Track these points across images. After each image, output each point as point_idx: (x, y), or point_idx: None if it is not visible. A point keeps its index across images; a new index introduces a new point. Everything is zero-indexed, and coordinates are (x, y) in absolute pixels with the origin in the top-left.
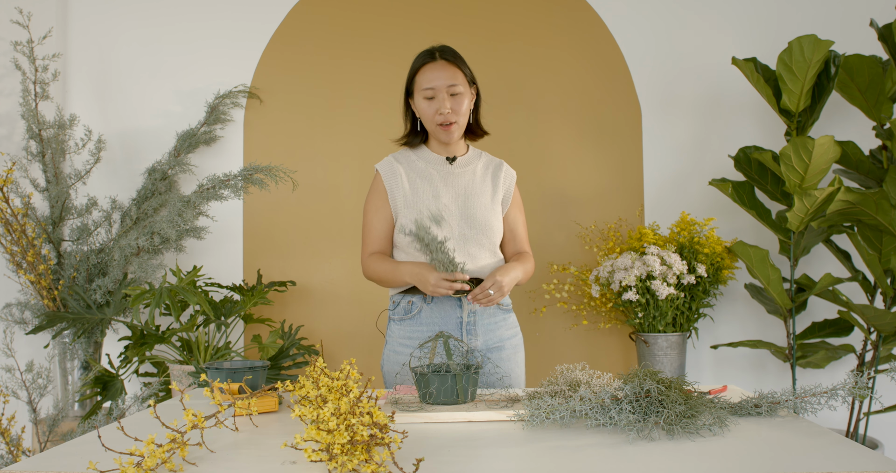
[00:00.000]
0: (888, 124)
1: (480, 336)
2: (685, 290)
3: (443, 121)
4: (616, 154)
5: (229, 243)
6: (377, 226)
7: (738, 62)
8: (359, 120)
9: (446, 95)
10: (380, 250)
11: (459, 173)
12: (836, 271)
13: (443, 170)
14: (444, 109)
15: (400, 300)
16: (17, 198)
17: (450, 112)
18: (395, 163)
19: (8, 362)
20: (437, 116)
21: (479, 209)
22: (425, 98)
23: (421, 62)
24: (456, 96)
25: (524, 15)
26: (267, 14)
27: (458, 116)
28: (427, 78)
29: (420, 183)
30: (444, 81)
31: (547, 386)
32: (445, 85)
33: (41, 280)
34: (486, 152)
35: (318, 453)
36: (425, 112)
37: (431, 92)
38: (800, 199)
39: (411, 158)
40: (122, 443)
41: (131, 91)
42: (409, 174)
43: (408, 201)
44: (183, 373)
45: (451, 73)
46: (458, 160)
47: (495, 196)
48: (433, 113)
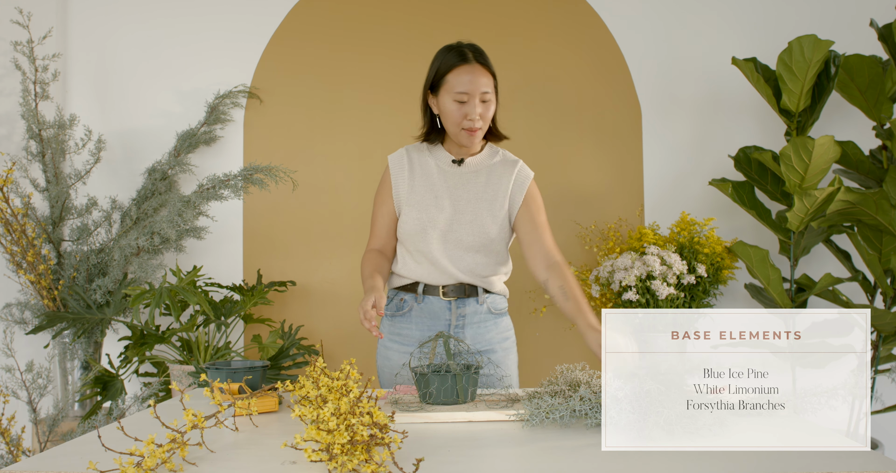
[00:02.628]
0: (888, 124)
1: (468, 339)
2: (685, 290)
3: (470, 127)
4: (616, 154)
5: (229, 243)
6: (380, 220)
7: (738, 62)
8: (359, 120)
9: (479, 101)
10: (381, 245)
11: (466, 175)
12: (836, 271)
13: (450, 171)
14: (473, 115)
15: (393, 296)
16: (17, 198)
17: (479, 119)
18: (405, 157)
19: (8, 362)
20: (466, 121)
21: (477, 214)
22: (456, 101)
23: (454, 62)
24: (486, 103)
25: (524, 15)
26: (267, 14)
27: (485, 123)
28: (462, 81)
29: (423, 182)
30: (479, 87)
31: (547, 386)
32: (480, 91)
33: (41, 280)
34: (504, 150)
35: (317, 453)
36: (452, 115)
37: (465, 97)
38: (800, 199)
39: (424, 153)
40: (122, 443)
41: (131, 91)
42: (415, 170)
43: (409, 197)
44: (183, 373)
45: (486, 79)
46: (466, 162)
47: (501, 199)
48: (461, 117)
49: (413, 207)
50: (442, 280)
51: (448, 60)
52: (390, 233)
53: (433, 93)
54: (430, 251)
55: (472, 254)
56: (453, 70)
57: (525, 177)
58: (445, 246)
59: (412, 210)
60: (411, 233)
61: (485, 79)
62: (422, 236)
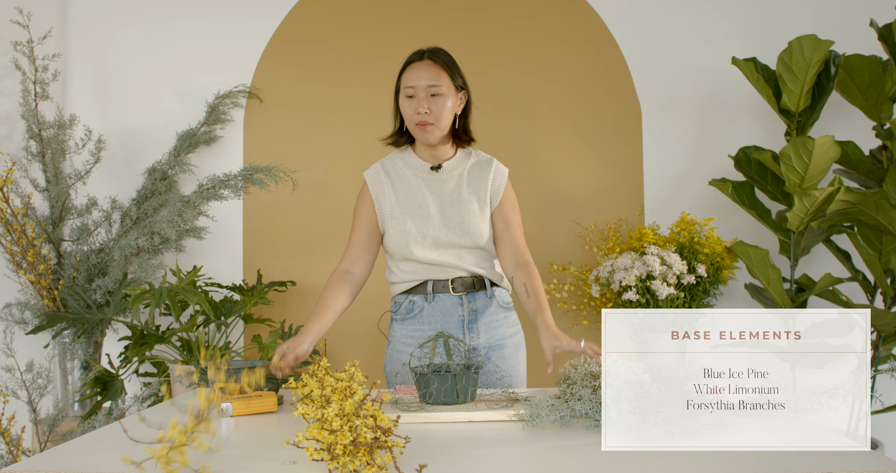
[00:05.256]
0: (888, 124)
1: (482, 334)
2: (685, 290)
3: (420, 121)
4: (616, 154)
5: (229, 243)
6: (358, 234)
7: (738, 62)
8: (359, 120)
9: (426, 95)
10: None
11: (445, 180)
12: (836, 271)
13: (428, 178)
14: (421, 108)
15: (402, 301)
16: (17, 198)
17: (427, 113)
18: (381, 172)
19: (8, 362)
20: (415, 115)
21: (466, 216)
22: (406, 97)
23: (408, 61)
24: (436, 97)
25: (524, 14)
26: (267, 14)
27: (437, 118)
28: (409, 77)
29: (405, 194)
30: (425, 81)
31: (563, 380)
32: (426, 85)
33: (41, 280)
34: (476, 150)
35: (319, 452)
36: (405, 111)
37: (412, 91)
38: (800, 199)
39: (398, 165)
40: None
41: (131, 91)
42: (395, 184)
43: (394, 212)
44: (183, 373)
45: (434, 73)
46: (443, 167)
47: (483, 198)
48: (412, 112)
49: (398, 219)
50: (449, 274)
51: (406, 62)
52: (365, 248)
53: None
54: (427, 258)
55: (466, 253)
56: (406, 69)
57: (502, 175)
58: (439, 251)
59: (398, 223)
60: (401, 246)
61: (433, 73)
62: (413, 246)
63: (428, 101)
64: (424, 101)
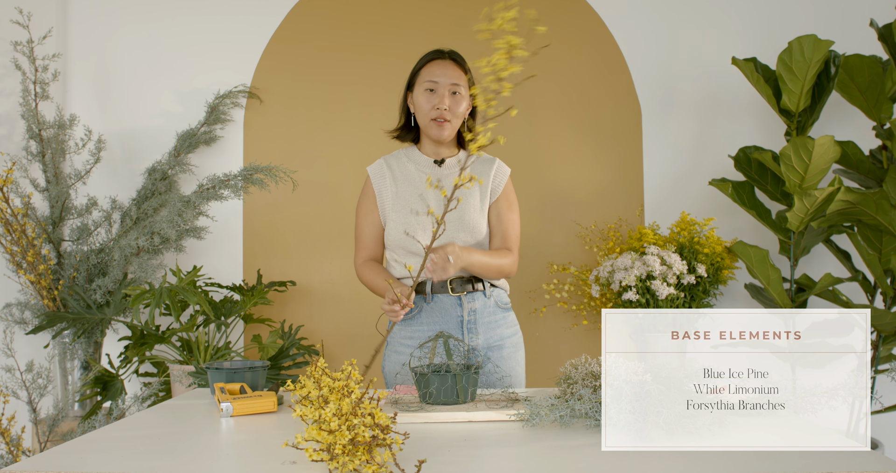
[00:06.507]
0: (888, 124)
1: (481, 335)
2: (685, 290)
3: (438, 116)
4: (616, 154)
5: (229, 243)
6: (367, 230)
7: (738, 62)
8: (359, 120)
9: (447, 92)
10: (370, 255)
11: (448, 175)
12: (836, 271)
13: (431, 172)
14: (442, 104)
15: None
16: (17, 198)
17: (447, 110)
18: (384, 166)
19: (8, 362)
20: (434, 110)
21: (466, 210)
22: (426, 90)
23: (429, 58)
24: (456, 96)
25: (524, 14)
26: (267, 14)
27: (454, 117)
28: (432, 72)
29: (407, 187)
30: (448, 78)
31: (563, 380)
32: (449, 82)
33: (41, 280)
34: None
35: (318, 453)
36: (423, 105)
37: (434, 85)
38: (800, 199)
39: (402, 160)
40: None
41: (131, 91)
42: (397, 178)
43: (395, 204)
44: (183, 373)
45: (457, 73)
46: (446, 162)
47: (484, 195)
48: (430, 107)
49: (400, 213)
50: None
51: (424, 57)
52: (378, 243)
53: (410, 91)
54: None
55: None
56: (427, 65)
57: (503, 173)
58: (437, 244)
59: (399, 216)
60: (402, 239)
61: (456, 72)
62: (413, 240)
63: (448, 98)
64: (446, 97)
